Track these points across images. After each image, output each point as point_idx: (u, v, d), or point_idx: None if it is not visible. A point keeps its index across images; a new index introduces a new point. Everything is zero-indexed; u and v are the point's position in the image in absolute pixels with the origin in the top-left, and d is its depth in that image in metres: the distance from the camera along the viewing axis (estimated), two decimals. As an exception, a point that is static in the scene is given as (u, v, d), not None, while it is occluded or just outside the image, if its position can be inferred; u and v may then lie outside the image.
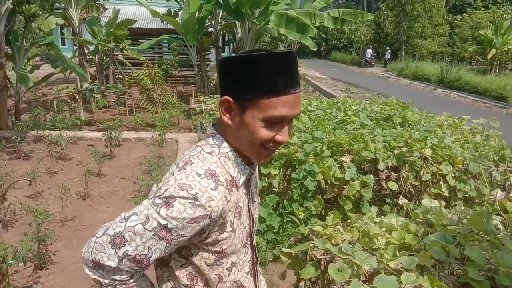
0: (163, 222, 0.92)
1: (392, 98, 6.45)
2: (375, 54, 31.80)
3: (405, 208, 3.89)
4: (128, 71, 12.45)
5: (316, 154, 3.68)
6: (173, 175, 0.98)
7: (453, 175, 3.95)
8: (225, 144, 1.03)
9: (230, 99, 0.97)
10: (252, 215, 1.16)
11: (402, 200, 3.85)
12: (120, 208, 4.02)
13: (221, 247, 1.03)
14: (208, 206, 0.93)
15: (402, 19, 29.48)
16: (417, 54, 29.74)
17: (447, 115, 5.05)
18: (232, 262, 1.10)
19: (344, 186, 3.65)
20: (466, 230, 2.11)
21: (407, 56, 29.02)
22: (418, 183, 3.88)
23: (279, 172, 3.59)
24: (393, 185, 3.78)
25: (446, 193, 3.92)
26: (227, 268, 1.09)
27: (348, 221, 2.52)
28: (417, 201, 3.99)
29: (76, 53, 10.44)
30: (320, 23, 9.27)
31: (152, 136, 6.20)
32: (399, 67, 24.92)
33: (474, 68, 23.10)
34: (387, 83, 20.57)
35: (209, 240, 1.01)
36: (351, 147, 3.81)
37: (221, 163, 1.01)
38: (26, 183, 4.12)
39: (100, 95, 8.84)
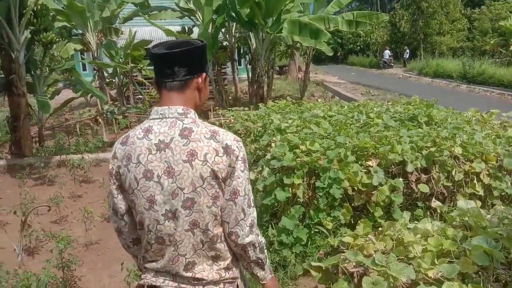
0: (248, 171, 1.38)
1: (415, 97, 6.25)
2: (393, 55, 31.31)
3: (439, 211, 3.71)
4: (148, 91, 12.63)
5: (340, 160, 3.55)
6: (225, 139, 1.31)
7: (487, 172, 3.74)
8: (195, 112, 1.39)
9: (205, 73, 1.41)
10: None
11: (435, 203, 3.67)
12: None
13: None
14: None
15: (418, 17, 29.01)
16: (436, 51, 29.09)
17: (475, 111, 4.83)
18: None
19: (373, 192, 3.50)
20: (509, 232, 1.95)
21: (426, 54, 28.45)
22: (451, 184, 3.68)
23: (303, 181, 3.47)
24: (424, 188, 3.59)
25: (481, 193, 3.70)
26: None
27: (380, 229, 2.38)
28: (451, 203, 3.79)
29: (96, 77, 10.63)
30: (334, 27, 9.16)
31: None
32: (419, 66, 24.44)
33: (497, 61, 22.40)
34: (408, 83, 20.17)
35: None
36: (376, 151, 3.66)
37: None
38: (52, 208, 4.12)
39: (122, 116, 8.93)
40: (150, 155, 1.28)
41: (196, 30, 10.44)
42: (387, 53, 30.46)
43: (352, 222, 3.54)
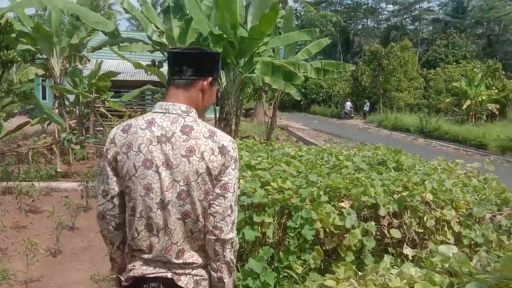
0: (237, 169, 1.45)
1: (380, 144, 6.33)
2: (353, 107, 32.56)
3: (410, 258, 3.60)
4: (110, 123, 12.22)
5: (312, 200, 3.40)
6: (222, 140, 1.43)
7: (457, 220, 3.71)
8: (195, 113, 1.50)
9: (211, 78, 1.52)
10: None
11: (406, 249, 3.58)
12: (94, 265, 3.58)
13: None
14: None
15: (378, 73, 30.61)
16: (394, 106, 30.58)
17: (442, 159, 4.91)
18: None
19: (345, 235, 3.35)
20: (498, 280, 1.84)
21: (385, 108, 29.80)
22: (422, 230, 3.60)
23: (274, 220, 3.28)
24: (396, 233, 3.48)
25: (452, 240, 3.65)
26: None
27: (360, 273, 2.21)
28: (422, 250, 3.70)
29: (56, 104, 10.16)
30: (304, 73, 9.36)
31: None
32: (379, 119, 25.46)
33: (451, 119, 23.76)
34: (368, 134, 20.82)
35: None
36: (349, 192, 3.55)
37: None
38: (-12, 239, 3.67)
39: (79, 146, 8.48)
40: (151, 145, 1.38)
41: (166, 65, 10.32)
42: (348, 104, 31.65)
43: (322, 267, 3.36)
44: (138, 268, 1.42)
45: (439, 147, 15.55)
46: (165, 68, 10.69)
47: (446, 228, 3.67)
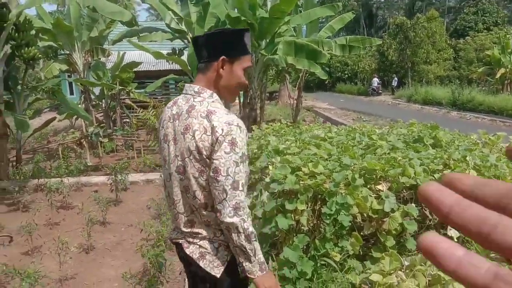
0: (241, 153, 1.41)
1: (413, 120, 6.02)
2: (381, 83, 31.62)
3: (455, 239, 3.37)
4: (136, 114, 12.29)
5: (347, 184, 3.22)
6: (215, 121, 1.42)
7: (505, 198, 3.45)
8: (214, 94, 1.52)
9: (226, 58, 1.48)
10: None
11: (451, 231, 3.36)
12: (127, 260, 3.53)
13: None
14: (244, 127, 1.46)
15: (405, 46, 29.51)
16: (423, 79, 29.51)
17: (483, 132, 4.59)
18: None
19: (384, 219, 3.15)
20: None
21: (414, 82, 28.80)
22: (467, 210, 3.37)
23: (307, 207, 3.12)
24: (438, 214, 3.27)
25: (501, 220, 3.40)
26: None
27: (407, 263, 2.03)
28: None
29: (82, 99, 10.25)
30: (328, 50, 9.02)
31: (161, 175, 5.79)
32: (408, 93, 24.62)
33: (484, 89, 22.72)
34: (397, 110, 20.18)
35: None
36: (386, 174, 3.34)
37: (219, 105, 1.51)
38: (23, 237, 3.68)
39: (107, 139, 8.52)
40: (168, 122, 1.55)
41: (187, 52, 10.20)
42: (375, 80, 30.74)
43: (361, 253, 3.18)
44: (171, 233, 1.66)
45: (474, 119, 14.87)
46: (185, 56, 10.58)
47: (493, 207, 3.42)
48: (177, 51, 11.17)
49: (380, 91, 30.56)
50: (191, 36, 9.61)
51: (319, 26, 11.54)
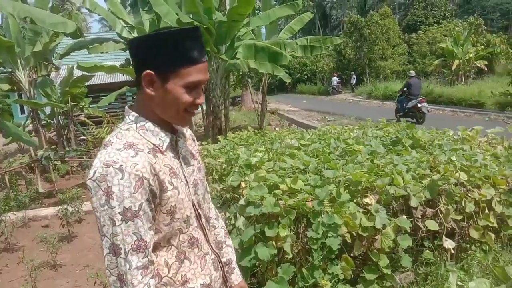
0: (120, 208, 1.03)
1: (382, 119, 5.80)
2: (340, 81, 31.98)
3: (452, 252, 3.10)
4: (93, 131, 11.57)
5: (332, 200, 2.86)
6: (97, 157, 1.08)
7: (498, 199, 3.21)
8: (141, 118, 1.16)
9: (152, 72, 1.10)
10: (186, 178, 1.24)
11: (446, 242, 3.07)
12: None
13: (171, 205, 1.14)
14: (136, 170, 1.04)
15: (361, 44, 30.00)
16: (381, 75, 30.10)
17: (463, 128, 4.38)
18: (187, 215, 1.20)
19: (376, 237, 2.82)
20: None
21: (372, 79, 29.30)
22: (461, 217, 3.09)
23: (290, 231, 2.73)
24: (432, 225, 2.96)
25: (495, 224, 3.15)
26: (184, 221, 1.20)
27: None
28: (462, 240, 3.20)
29: (29, 119, 9.43)
30: (291, 52, 8.73)
31: None
32: (367, 90, 24.96)
33: (439, 81, 23.36)
34: (359, 107, 20.33)
35: (162, 202, 1.12)
36: (372, 184, 3.01)
37: (140, 135, 1.13)
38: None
39: (60, 162, 7.82)
40: None
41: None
42: (335, 79, 31.07)
43: (352, 275, 2.84)
44: None
45: (435, 111, 15.10)
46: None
47: (487, 211, 3.17)
48: (131, 62, 10.54)
49: (340, 90, 30.91)
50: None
51: (278, 28, 11.28)
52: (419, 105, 11.81)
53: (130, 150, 1.06)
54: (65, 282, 3.46)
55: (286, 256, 2.70)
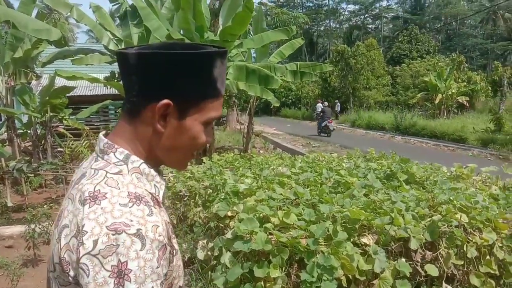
0: None
1: (371, 149, 5.68)
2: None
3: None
4: (71, 144, 11.13)
5: (327, 239, 2.63)
6: (88, 218, 0.72)
7: (499, 244, 3.04)
8: (133, 157, 0.84)
9: (171, 103, 0.80)
10: None
11: (447, 289, 2.87)
12: None
13: (172, 276, 0.83)
14: (159, 235, 0.74)
15: (347, 73, 30.47)
16: (364, 104, 30.50)
17: (458, 166, 4.25)
18: (179, 286, 0.89)
19: (373, 282, 2.59)
20: None
21: (355, 107, 29.66)
22: (462, 262, 2.90)
23: (281, 271, 2.48)
24: (432, 270, 2.76)
25: (497, 271, 2.97)
26: None
27: None
28: (461, 287, 3.00)
29: (4, 128, 8.97)
30: (280, 76, 8.63)
31: None
32: (351, 118, 25.19)
33: (420, 114, 23.77)
34: (343, 135, 20.40)
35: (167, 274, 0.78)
36: (370, 223, 2.80)
37: (137, 181, 0.82)
38: None
39: (33, 174, 7.40)
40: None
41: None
42: (319, 106, 31.23)
43: (346, 322, 2.59)
44: None
45: (419, 143, 15.22)
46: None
47: (488, 256, 2.99)
48: (116, 75, 10.26)
49: (325, 117, 31.11)
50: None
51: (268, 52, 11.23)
52: (328, 124, 18.97)
53: (142, 205, 0.76)
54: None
55: (275, 299, 2.44)
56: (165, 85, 0.80)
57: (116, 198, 0.75)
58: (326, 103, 23.03)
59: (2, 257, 3.47)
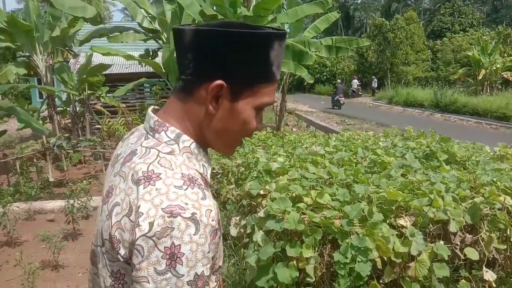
0: (190, 276, 0.72)
1: (409, 127, 5.46)
2: (360, 84, 31.44)
3: (493, 285, 2.77)
4: (108, 121, 11.45)
5: (362, 220, 2.56)
6: (144, 199, 0.72)
7: (546, 229, 2.87)
8: (184, 136, 0.83)
9: (225, 84, 0.78)
10: None
11: (487, 273, 2.74)
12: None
13: (216, 256, 0.82)
14: (212, 220, 0.75)
15: (385, 48, 29.44)
16: (402, 80, 29.48)
17: (503, 145, 4.02)
18: (219, 265, 0.89)
19: (409, 264, 2.51)
20: None
21: (393, 83, 28.72)
22: (505, 246, 2.76)
23: (314, 251, 2.44)
24: (472, 254, 2.64)
25: (543, 256, 2.82)
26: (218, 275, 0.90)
27: None
28: (503, 272, 2.87)
29: (45, 105, 9.30)
30: (315, 51, 8.40)
31: None
32: (389, 95, 24.43)
33: (462, 90, 22.72)
34: (379, 112, 19.87)
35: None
36: (407, 204, 2.70)
37: (188, 161, 0.82)
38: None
39: (72, 150, 7.67)
40: (110, 166, 0.91)
41: (161, 54, 9.42)
42: (355, 82, 30.53)
43: (379, 304, 2.54)
44: None
45: (459, 121, 14.59)
46: (160, 58, 9.80)
47: (533, 241, 2.83)
48: (151, 53, 10.35)
49: (360, 93, 30.38)
50: (165, 36, 8.81)
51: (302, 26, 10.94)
52: (339, 99, 21.31)
53: (196, 189, 0.76)
54: (66, 287, 3.23)
55: (308, 279, 2.42)
56: (219, 65, 0.78)
57: (171, 180, 0.75)
58: (339, 81, 26.31)
59: (44, 231, 3.63)
